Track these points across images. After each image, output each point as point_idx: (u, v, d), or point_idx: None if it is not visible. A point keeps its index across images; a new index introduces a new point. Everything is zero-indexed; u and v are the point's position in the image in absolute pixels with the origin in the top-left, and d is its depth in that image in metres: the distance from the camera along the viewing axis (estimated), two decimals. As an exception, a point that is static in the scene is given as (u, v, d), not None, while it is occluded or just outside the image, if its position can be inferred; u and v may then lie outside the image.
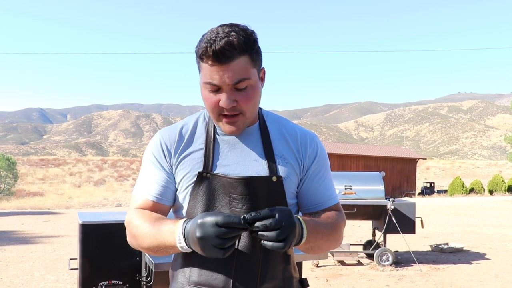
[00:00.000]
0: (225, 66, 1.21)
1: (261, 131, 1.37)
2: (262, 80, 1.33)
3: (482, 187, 33.28)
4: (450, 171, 66.94)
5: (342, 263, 7.19)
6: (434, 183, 38.19)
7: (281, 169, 1.33)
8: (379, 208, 6.97)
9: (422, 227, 7.45)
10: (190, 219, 1.20)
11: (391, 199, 6.93)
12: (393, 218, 6.80)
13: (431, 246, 8.51)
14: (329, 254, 6.99)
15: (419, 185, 39.79)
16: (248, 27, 1.26)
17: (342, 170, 31.90)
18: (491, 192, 32.64)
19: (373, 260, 7.07)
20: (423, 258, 7.56)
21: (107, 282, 3.16)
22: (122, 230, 1.56)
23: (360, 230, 11.06)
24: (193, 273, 1.30)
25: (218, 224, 1.10)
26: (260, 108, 1.42)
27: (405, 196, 33.24)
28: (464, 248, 8.49)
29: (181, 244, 1.19)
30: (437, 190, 36.62)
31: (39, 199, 29.75)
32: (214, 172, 1.31)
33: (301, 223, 1.21)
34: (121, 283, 3.19)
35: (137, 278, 3.19)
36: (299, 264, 3.02)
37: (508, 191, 32.17)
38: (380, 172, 7.33)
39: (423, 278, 6.28)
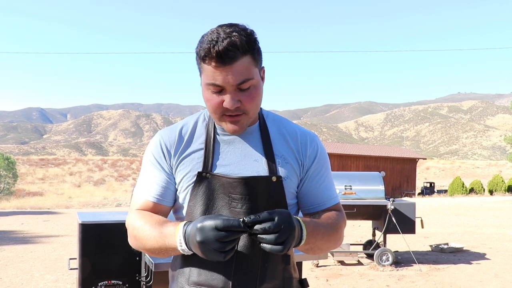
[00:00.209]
0: (229, 67, 1.20)
1: (261, 131, 1.37)
2: (263, 79, 1.33)
3: (482, 187, 33.29)
4: (450, 171, 66.97)
5: (342, 263, 7.19)
6: (434, 183, 38.20)
7: (281, 169, 1.33)
8: (379, 208, 6.97)
9: (422, 227, 7.45)
10: (190, 222, 1.19)
11: (391, 199, 6.93)
12: (393, 218, 6.80)
13: (431, 246, 8.51)
14: (329, 254, 6.99)
15: (419, 185, 39.79)
16: (247, 27, 1.25)
17: (342, 170, 31.92)
18: (491, 192, 32.64)
19: (373, 260, 7.07)
20: (423, 258, 7.56)
21: (107, 282, 3.16)
22: (122, 230, 1.56)
23: (360, 230, 11.06)
24: (193, 273, 1.30)
25: (218, 228, 1.10)
26: (261, 108, 1.41)
27: (405, 196, 33.24)
28: (464, 248, 8.49)
29: (182, 247, 1.19)
30: (437, 190, 36.63)
31: (39, 199, 29.75)
32: (214, 172, 1.30)
33: (301, 225, 1.20)
34: (121, 283, 3.19)
35: (137, 278, 3.18)
36: (299, 264, 3.02)
37: (508, 191, 32.17)
38: (380, 172, 7.32)
39: (423, 278, 6.28)
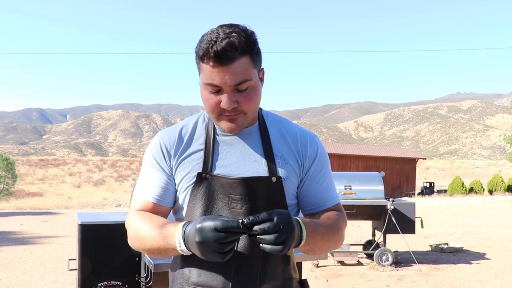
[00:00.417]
0: (226, 67, 1.20)
1: (261, 132, 1.36)
2: (262, 81, 1.33)
3: (482, 187, 33.31)
4: (450, 171, 67.01)
5: (342, 263, 7.19)
6: (434, 183, 38.21)
7: (281, 170, 1.32)
8: (379, 208, 6.97)
9: (422, 227, 7.45)
10: (190, 223, 1.19)
11: (391, 199, 6.93)
12: (393, 218, 6.80)
13: (431, 246, 8.51)
14: (329, 255, 6.98)
15: (419, 185, 39.81)
16: (248, 28, 1.25)
17: (342, 170, 31.92)
18: (491, 192, 32.67)
19: (373, 260, 7.07)
20: (423, 258, 7.55)
21: (106, 283, 3.16)
22: (122, 231, 1.56)
23: (360, 230, 11.06)
24: (192, 274, 1.29)
25: (217, 229, 1.10)
26: (260, 109, 1.41)
27: (405, 196, 33.25)
28: (464, 248, 8.49)
29: (182, 248, 1.19)
30: (437, 190, 36.65)
31: (39, 200, 29.74)
32: (214, 173, 1.30)
33: (300, 225, 1.20)
34: (120, 284, 3.19)
35: (136, 279, 3.18)
36: (299, 265, 3.01)
37: (508, 191, 32.19)
38: (380, 172, 7.32)
39: (423, 278, 6.28)
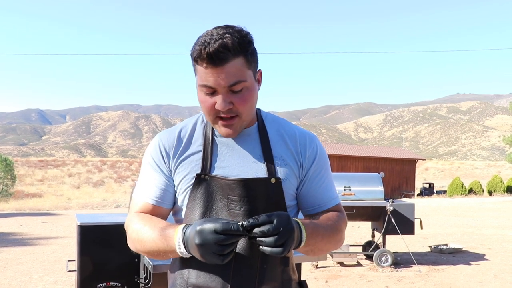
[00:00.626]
0: (220, 69, 1.20)
1: (260, 133, 1.36)
2: (259, 82, 1.32)
3: (481, 188, 33.34)
4: (449, 172, 67.07)
5: (342, 264, 7.18)
6: (433, 184, 38.23)
7: (280, 171, 1.32)
8: (378, 209, 6.97)
9: (421, 228, 7.45)
10: (190, 225, 1.19)
11: (390, 200, 6.93)
12: (392, 219, 6.80)
13: (430, 247, 8.51)
14: (329, 256, 6.98)
15: (418, 186, 39.82)
16: (244, 29, 1.24)
17: (341, 171, 31.95)
18: (490, 193, 32.69)
19: (373, 261, 7.06)
20: (422, 259, 7.55)
21: (106, 284, 3.16)
22: (121, 232, 1.56)
23: (359, 231, 11.06)
24: (191, 275, 1.29)
25: (217, 231, 1.10)
26: (259, 109, 1.41)
27: (405, 197, 33.27)
28: (463, 249, 8.49)
29: (181, 250, 1.19)
30: (436, 191, 36.68)
31: (38, 200, 29.73)
32: (212, 174, 1.30)
33: (300, 227, 1.20)
34: (120, 285, 3.19)
35: (136, 280, 3.18)
36: (298, 266, 3.01)
37: (507, 192, 32.21)
38: (379, 173, 7.32)
39: (423, 279, 6.28)
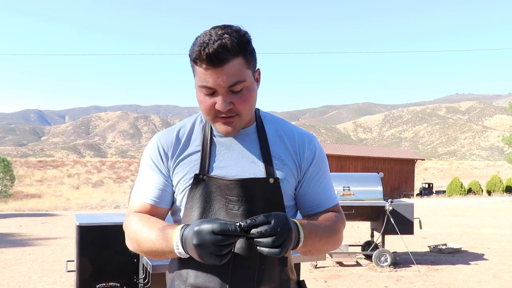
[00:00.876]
0: (219, 69, 1.20)
1: (258, 133, 1.36)
2: (258, 81, 1.32)
3: (480, 188, 33.37)
4: (448, 172, 67.11)
5: (341, 264, 7.19)
6: (433, 184, 38.25)
7: (278, 171, 1.32)
8: (378, 209, 6.97)
9: (421, 228, 7.45)
10: (188, 225, 1.19)
11: (390, 200, 6.93)
12: (392, 219, 6.81)
13: (430, 247, 8.52)
14: (328, 255, 6.98)
15: (418, 186, 39.84)
16: (242, 28, 1.24)
17: (341, 171, 31.96)
18: (489, 193, 32.72)
19: (372, 261, 7.07)
20: (422, 259, 7.56)
21: (105, 284, 3.16)
22: (120, 232, 1.56)
23: (359, 231, 11.07)
24: (190, 276, 1.29)
25: (215, 232, 1.10)
26: (258, 109, 1.41)
27: (404, 197, 33.28)
28: (463, 249, 8.50)
29: (179, 250, 1.19)
30: (436, 191, 36.70)
31: (37, 201, 29.73)
32: (211, 174, 1.30)
33: (298, 227, 1.20)
34: (118, 285, 3.19)
35: (135, 280, 3.18)
36: (297, 266, 3.02)
37: (506, 192, 32.25)
38: (379, 173, 7.33)
39: (422, 279, 6.28)
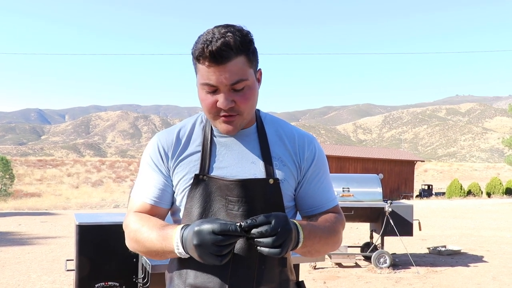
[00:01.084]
0: (222, 67, 1.20)
1: (259, 133, 1.36)
2: (259, 81, 1.33)
3: (480, 190, 33.36)
4: (448, 174, 67.08)
5: (340, 265, 7.19)
6: (432, 186, 38.20)
7: (278, 172, 1.32)
8: (377, 211, 6.98)
9: (420, 230, 7.45)
10: (188, 225, 1.19)
11: (389, 202, 6.94)
12: (391, 221, 6.81)
13: (429, 249, 8.52)
14: (327, 256, 6.98)
15: (417, 188, 39.79)
16: (244, 28, 1.25)
17: (340, 172, 31.97)
18: (489, 195, 32.72)
19: (371, 263, 7.06)
20: (421, 261, 7.56)
21: (104, 284, 3.16)
22: (119, 232, 1.56)
23: (358, 232, 11.07)
24: (189, 276, 1.29)
25: (215, 232, 1.10)
26: (258, 110, 1.41)
27: (403, 199, 33.28)
28: (462, 251, 8.50)
29: (179, 251, 1.19)
30: (435, 193, 36.64)
31: (37, 200, 29.72)
32: (211, 175, 1.30)
33: (298, 228, 1.20)
34: (118, 285, 3.19)
35: (134, 280, 3.18)
36: (296, 267, 3.02)
37: (506, 194, 32.26)
38: (378, 175, 7.34)
39: (421, 281, 6.28)
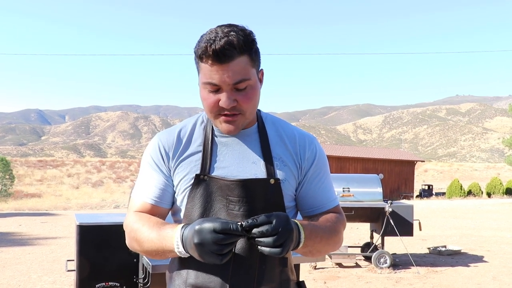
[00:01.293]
0: (225, 66, 1.21)
1: (260, 133, 1.36)
2: (261, 81, 1.33)
3: (480, 190, 33.36)
4: (448, 174, 67.06)
5: (340, 266, 7.19)
6: (432, 186, 38.18)
7: (279, 172, 1.32)
8: (377, 211, 6.98)
9: (420, 230, 7.45)
10: (188, 225, 1.19)
11: (389, 202, 6.94)
12: (391, 221, 6.81)
13: (429, 249, 8.52)
14: (327, 256, 6.98)
15: (417, 188, 39.78)
16: (246, 28, 1.26)
17: (340, 172, 31.96)
18: (489, 195, 32.72)
19: (371, 263, 7.06)
20: (421, 261, 7.56)
21: (104, 284, 3.16)
22: (120, 232, 1.56)
23: (358, 232, 11.07)
24: (190, 275, 1.29)
25: (216, 231, 1.10)
26: (259, 110, 1.41)
27: (403, 199, 33.27)
28: (462, 251, 8.50)
29: (179, 250, 1.19)
30: (435, 193, 36.62)
31: (37, 200, 29.72)
32: (211, 175, 1.30)
33: (299, 228, 1.20)
34: (118, 285, 3.19)
35: (134, 280, 3.18)
36: (297, 267, 3.02)
37: (506, 194, 32.25)
38: (378, 175, 7.33)
39: (421, 281, 6.28)
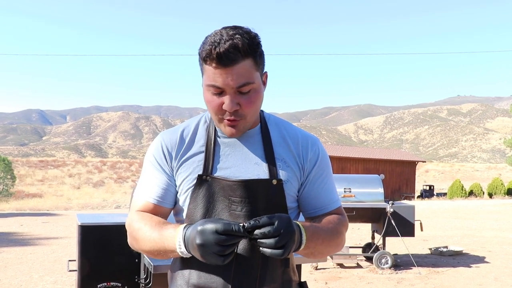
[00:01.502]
0: (229, 69, 1.20)
1: (262, 134, 1.36)
2: (264, 84, 1.33)
3: (482, 190, 33.32)
4: (450, 174, 66.96)
5: (341, 266, 7.19)
6: (434, 186, 38.14)
7: (282, 173, 1.32)
8: (378, 211, 6.97)
9: (422, 230, 7.45)
10: (191, 225, 1.19)
11: (390, 202, 6.93)
12: (392, 221, 6.80)
13: (431, 249, 8.51)
14: (328, 257, 6.98)
15: (419, 188, 39.72)
16: (252, 30, 1.25)
17: (342, 173, 31.95)
18: (491, 195, 32.67)
19: (372, 263, 7.06)
20: (422, 261, 7.55)
21: (106, 284, 3.16)
22: (121, 232, 1.56)
23: (359, 233, 11.06)
24: (192, 276, 1.30)
25: (218, 232, 1.10)
26: (262, 111, 1.41)
27: (405, 199, 33.23)
28: (464, 251, 8.49)
29: (182, 250, 1.19)
30: (437, 193, 36.58)
31: (38, 201, 29.73)
32: (214, 175, 1.30)
33: (300, 229, 1.20)
34: (120, 285, 3.19)
35: (136, 280, 3.18)
36: (298, 267, 3.02)
37: (508, 194, 32.20)
38: (380, 175, 7.32)
39: (422, 281, 6.27)
